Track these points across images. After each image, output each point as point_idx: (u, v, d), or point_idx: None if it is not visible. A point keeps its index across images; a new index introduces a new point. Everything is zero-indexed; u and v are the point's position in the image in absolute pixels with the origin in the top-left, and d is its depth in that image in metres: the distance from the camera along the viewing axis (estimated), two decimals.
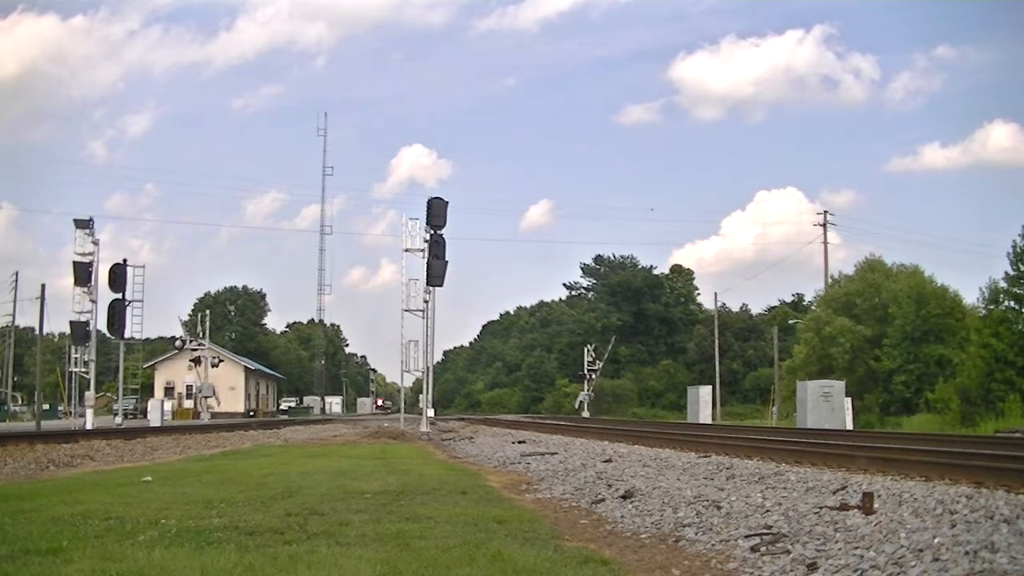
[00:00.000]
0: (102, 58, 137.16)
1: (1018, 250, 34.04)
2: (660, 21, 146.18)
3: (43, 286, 41.48)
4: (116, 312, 30.25)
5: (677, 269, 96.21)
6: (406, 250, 29.85)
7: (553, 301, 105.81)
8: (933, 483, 7.42)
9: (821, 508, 6.21)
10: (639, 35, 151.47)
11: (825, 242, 57.67)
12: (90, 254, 30.07)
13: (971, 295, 43.59)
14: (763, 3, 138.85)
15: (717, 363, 60.87)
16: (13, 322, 56.23)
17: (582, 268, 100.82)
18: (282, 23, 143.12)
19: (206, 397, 50.39)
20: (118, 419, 32.77)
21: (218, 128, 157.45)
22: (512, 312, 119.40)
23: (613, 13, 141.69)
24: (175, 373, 61.29)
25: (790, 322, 64.30)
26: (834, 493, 7.02)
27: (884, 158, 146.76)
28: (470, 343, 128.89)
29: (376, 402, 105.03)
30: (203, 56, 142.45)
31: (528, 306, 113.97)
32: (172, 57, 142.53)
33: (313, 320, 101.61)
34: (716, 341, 62.40)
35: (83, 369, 31.14)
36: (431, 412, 31.21)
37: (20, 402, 58.73)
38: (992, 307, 35.53)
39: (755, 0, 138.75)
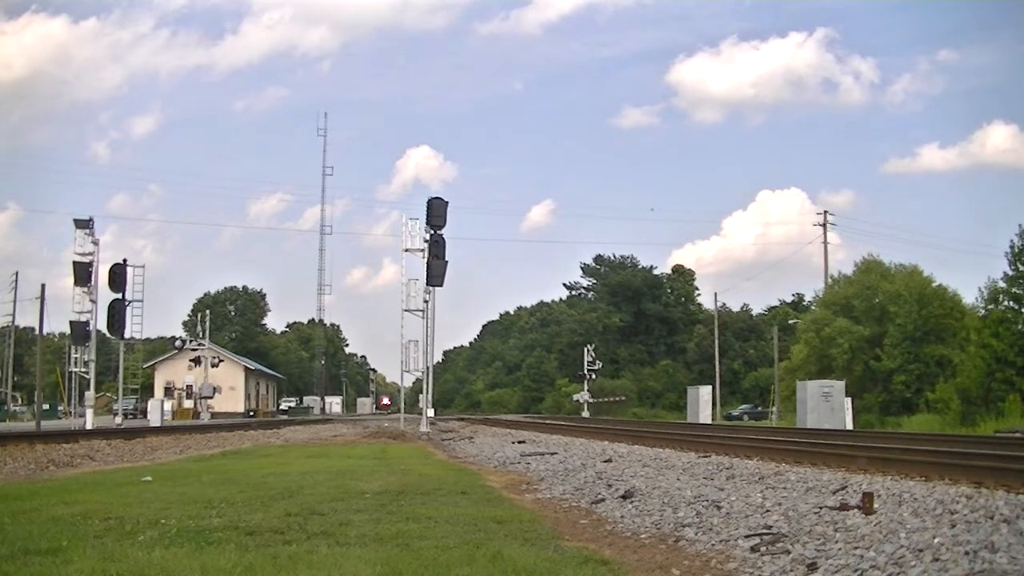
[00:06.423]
0: (107, 61, 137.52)
1: (1016, 250, 34.08)
2: (662, 24, 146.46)
3: (43, 286, 41.24)
4: (116, 312, 30.26)
5: (677, 269, 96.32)
6: (406, 250, 29.89)
7: (553, 301, 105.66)
8: (933, 483, 7.41)
9: (821, 508, 6.21)
10: (640, 37, 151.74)
11: (825, 242, 57.79)
12: (90, 254, 30.05)
13: (971, 295, 43.66)
14: (765, 6, 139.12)
15: (717, 363, 60.88)
16: (13, 322, 56.27)
17: (582, 268, 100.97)
18: (286, 27, 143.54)
19: (206, 397, 50.35)
20: (118, 419, 32.73)
21: (223, 130, 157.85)
22: (512, 312, 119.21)
23: (615, 16, 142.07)
24: (175, 373, 61.23)
25: (790, 322, 64.37)
26: (834, 493, 7.02)
27: (883, 159, 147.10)
28: (470, 343, 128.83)
29: (380, 401, 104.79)
30: (208, 59, 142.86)
31: (528, 306, 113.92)
32: (178, 60, 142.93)
33: (313, 320, 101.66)
34: (716, 341, 62.39)
35: (83, 369, 31.13)
36: (431, 412, 31.22)
37: (20, 402, 58.64)
38: (991, 307, 35.57)
39: (758, 3, 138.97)
